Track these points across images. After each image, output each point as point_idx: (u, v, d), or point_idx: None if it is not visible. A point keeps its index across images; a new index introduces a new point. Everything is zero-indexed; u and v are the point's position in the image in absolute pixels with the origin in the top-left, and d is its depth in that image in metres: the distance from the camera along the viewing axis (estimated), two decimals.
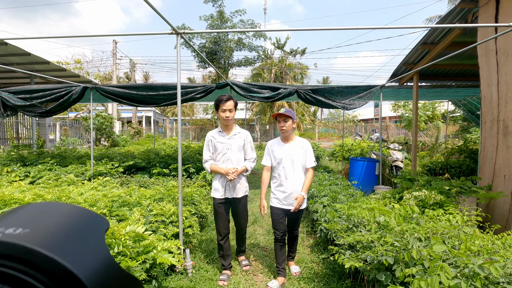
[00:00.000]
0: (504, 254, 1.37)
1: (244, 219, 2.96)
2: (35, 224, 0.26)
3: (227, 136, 2.80)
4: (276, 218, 2.72)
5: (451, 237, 1.79)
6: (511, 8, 3.27)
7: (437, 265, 1.18)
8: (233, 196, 2.79)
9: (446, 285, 1.15)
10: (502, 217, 3.29)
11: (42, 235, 0.25)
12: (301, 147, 2.70)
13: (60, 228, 0.27)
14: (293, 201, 2.63)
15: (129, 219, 2.59)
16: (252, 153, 2.90)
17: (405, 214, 2.10)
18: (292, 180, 2.65)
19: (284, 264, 2.76)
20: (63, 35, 10.20)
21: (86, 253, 0.26)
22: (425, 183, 3.78)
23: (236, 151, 2.79)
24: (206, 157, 2.81)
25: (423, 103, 13.59)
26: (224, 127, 2.83)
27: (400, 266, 1.49)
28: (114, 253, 1.95)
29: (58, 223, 0.27)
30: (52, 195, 3.37)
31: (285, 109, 2.61)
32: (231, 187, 2.79)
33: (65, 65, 15.73)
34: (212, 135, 2.83)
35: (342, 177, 5.92)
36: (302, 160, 2.68)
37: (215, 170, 2.76)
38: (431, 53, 5.06)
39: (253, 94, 5.82)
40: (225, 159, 2.78)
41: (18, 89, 6.37)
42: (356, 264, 1.79)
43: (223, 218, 2.82)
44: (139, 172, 6.99)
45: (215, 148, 2.80)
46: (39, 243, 0.24)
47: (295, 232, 2.89)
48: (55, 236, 0.26)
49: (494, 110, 3.57)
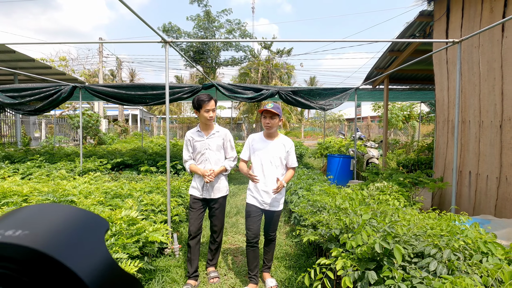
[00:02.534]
0: (416, 222, 1.81)
1: (219, 221, 2.78)
2: (35, 225, 0.26)
3: (205, 136, 2.73)
4: (252, 216, 2.57)
5: (391, 214, 2.24)
6: (458, 23, 3.79)
7: (363, 227, 1.60)
8: (211, 196, 2.71)
9: (367, 241, 1.58)
10: (449, 204, 3.81)
11: (43, 236, 0.25)
12: (284, 145, 2.58)
13: (60, 229, 0.27)
14: (270, 201, 2.55)
15: (122, 207, 2.92)
16: (232, 152, 2.82)
17: (356, 198, 2.54)
18: (271, 179, 2.52)
19: (256, 271, 2.62)
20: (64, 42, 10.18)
21: (87, 253, 0.26)
22: (387, 176, 4.27)
23: (215, 150, 2.72)
24: (185, 157, 2.77)
25: (401, 104, 14.36)
26: (203, 127, 2.76)
27: (343, 234, 1.91)
28: (111, 232, 2.29)
29: (58, 224, 0.27)
30: (48, 188, 3.63)
31: (272, 104, 2.47)
32: (209, 187, 2.70)
33: (50, 63, 15.58)
34: (190, 135, 2.77)
35: (320, 173, 6.38)
36: (283, 159, 2.57)
37: (193, 170, 2.70)
38: (398, 59, 5.58)
39: (237, 94, 6.19)
40: (203, 159, 2.72)
41: (6, 87, 6.49)
42: (312, 237, 2.22)
43: (196, 215, 2.70)
44: (127, 169, 7.22)
45: (194, 148, 2.74)
46: (40, 244, 0.24)
47: (272, 235, 2.68)
48: (55, 237, 0.25)
49: (445, 112, 4.09)
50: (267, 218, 2.66)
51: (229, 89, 6.19)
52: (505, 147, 3.15)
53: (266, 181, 2.54)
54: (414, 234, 1.66)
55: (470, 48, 3.61)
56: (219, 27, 15.92)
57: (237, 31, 16.82)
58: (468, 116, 3.70)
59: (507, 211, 3.06)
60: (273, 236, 2.69)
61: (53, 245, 0.24)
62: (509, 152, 3.11)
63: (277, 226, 2.69)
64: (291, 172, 2.62)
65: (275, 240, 2.74)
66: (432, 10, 4.25)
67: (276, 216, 2.64)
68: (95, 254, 0.26)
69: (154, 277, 2.72)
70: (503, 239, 2.10)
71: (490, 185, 3.35)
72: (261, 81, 23.42)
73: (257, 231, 2.58)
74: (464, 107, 3.75)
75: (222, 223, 2.82)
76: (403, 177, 3.77)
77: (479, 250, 1.62)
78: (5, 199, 3.20)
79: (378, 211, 2.07)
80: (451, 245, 1.58)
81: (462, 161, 3.79)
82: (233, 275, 2.89)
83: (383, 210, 2.10)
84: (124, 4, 2.40)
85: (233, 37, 16.68)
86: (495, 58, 3.23)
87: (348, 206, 2.49)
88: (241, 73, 23.83)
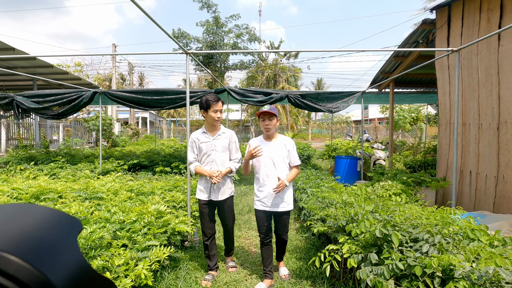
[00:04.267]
0: (413, 213, 2.07)
1: (230, 220, 2.88)
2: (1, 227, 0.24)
3: (211, 136, 2.73)
4: (260, 222, 2.64)
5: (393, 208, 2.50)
6: (458, 32, 4.02)
7: (366, 217, 1.87)
8: (218, 198, 2.74)
9: (370, 228, 1.85)
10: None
11: (9, 238, 0.23)
12: (284, 145, 2.60)
13: (29, 231, 0.25)
14: (276, 201, 2.56)
15: (149, 203, 3.24)
16: (237, 153, 2.83)
17: (361, 194, 2.81)
18: (274, 179, 2.54)
19: (271, 267, 2.71)
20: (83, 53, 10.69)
21: (59, 255, 0.24)
22: (392, 176, 4.50)
23: (221, 151, 2.73)
24: (190, 159, 2.77)
25: (408, 106, 14.46)
26: (209, 128, 2.76)
27: (348, 224, 2.19)
28: (144, 223, 2.60)
29: (27, 225, 0.26)
30: (78, 186, 3.99)
31: (269, 106, 2.52)
32: (215, 189, 2.73)
33: (66, 68, 16.23)
34: (196, 136, 2.76)
35: (328, 174, 6.63)
36: (285, 158, 2.59)
37: (199, 172, 2.70)
38: (403, 64, 5.81)
39: (247, 98, 6.51)
40: (209, 161, 2.72)
41: (31, 93, 6.95)
42: (321, 228, 2.49)
43: (208, 219, 2.79)
44: (142, 170, 7.59)
45: (200, 150, 2.74)
46: (6, 247, 0.22)
47: (284, 237, 2.74)
48: (24, 239, 0.24)
49: (448, 115, 4.31)
50: (276, 220, 2.67)
51: (240, 93, 6.50)
52: (502, 148, 3.37)
53: (270, 183, 2.54)
54: (411, 224, 1.93)
55: (469, 55, 3.84)
56: (227, 32, 16.31)
57: (245, 35, 17.18)
58: (468, 119, 3.92)
59: (504, 208, 3.27)
60: (284, 237, 2.73)
61: (21, 247, 0.23)
62: (505, 153, 3.32)
63: (287, 227, 2.70)
64: (295, 170, 2.62)
65: (286, 241, 2.80)
66: (434, 19, 4.49)
67: (285, 217, 2.64)
68: (67, 255, 0.25)
69: (178, 265, 3.02)
70: (493, 231, 2.33)
71: (489, 184, 3.55)
72: (268, 84, 23.75)
73: (269, 232, 2.65)
74: (464, 111, 3.97)
75: (233, 221, 2.91)
76: (406, 177, 4.00)
77: (467, 236, 1.87)
78: (43, 195, 3.56)
79: (380, 204, 2.33)
80: (443, 232, 1.84)
81: (463, 162, 4.00)
82: (248, 265, 3.18)
83: (385, 204, 2.37)
84: (153, 21, 2.72)
85: (242, 41, 17.05)
86: (492, 65, 3.45)
87: (353, 201, 2.75)
88: (249, 76, 24.21)
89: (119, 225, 2.64)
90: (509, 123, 3.27)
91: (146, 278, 2.10)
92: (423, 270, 1.51)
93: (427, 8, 4.34)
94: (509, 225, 2.42)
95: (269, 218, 2.64)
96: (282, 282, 2.75)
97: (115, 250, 2.27)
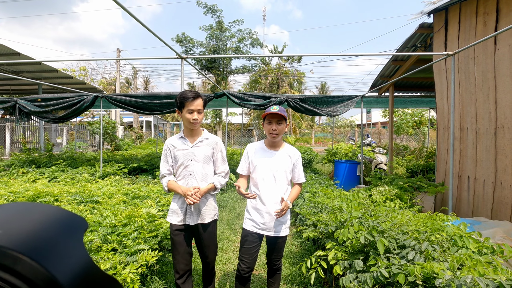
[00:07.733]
0: (400, 219, 2.04)
1: (211, 251, 2.20)
2: (9, 225, 0.25)
3: (190, 143, 2.13)
4: (247, 246, 2.09)
5: (385, 214, 2.47)
6: (455, 35, 3.99)
7: (351, 223, 1.84)
8: (196, 222, 2.10)
9: (356, 235, 1.83)
10: (450, 208, 3.96)
11: (17, 235, 0.24)
12: (290, 157, 2.13)
13: (36, 229, 0.25)
14: (272, 225, 2.08)
15: (142, 206, 3.25)
16: (223, 165, 2.21)
17: (354, 199, 2.78)
18: (273, 196, 2.07)
19: None
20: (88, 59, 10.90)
21: (65, 254, 0.25)
22: (390, 181, 4.45)
23: (202, 162, 2.11)
24: (163, 171, 2.14)
25: (411, 110, 14.36)
26: (187, 132, 2.15)
27: (337, 230, 2.16)
28: (134, 227, 2.61)
29: (35, 223, 0.26)
30: (75, 189, 4.02)
31: (278, 107, 2.05)
32: (193, 211, 2.09)
33: (71, 72, 16.49)
34: (171, 143, 2.16)
35: (327, 178, 6.58)
36: (289, 173, 2.12)
37: (172, 189, 2.08)
38: (402, 68, 5.78)
39: (247, 102, 6.52)
40: (186, 174, 2.10)
41: (34, 97, 7.05)
42: (311, 234, 2.47)
43: (182, 250, 2.10)
44: (143, 173, 7.64)
45: (175, 159, 2.12)
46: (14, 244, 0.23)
47: (277, 264, 2.22)
48: (31, 238, 0.24)
49: (445, 119, 4.26)
50: (269, 245, 2.18)
51: (239, 97, 6.52)
52: (499, 153, 3.31)
53: (268, 200, 2.07)
54: (401, 230, 1.90)
55: (466, 59, 3.80)
56: (230, 37, 16.43)
57: (248, 40, 17.28)
58: (466, 123, 3.87)
59: (502, 214, 3.21)
60: (278, 265, 2.22)
61: (28, 245, 0.23)
62: (503, 158, 3.27)
63: (282, 253, 2.21)
64: (297, 188, 2.15)
65: (280, 270, 2.27)
66: (432, 23, 4.46)
67: (281, 242, 2.15)
68: (73, 255, 0.25)
69: (169, 270, 3.01)
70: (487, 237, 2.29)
71: (487, 189, 3.49)
72: (272, 88, 23.81)
73: (252, 264, 2.10)
74: (462, 115, 3.92)
75: (214, 253, 2.24)
76: (403, 182, 3.95)
77: (456, 244, 1.84)
78: (39, 199, 3.60)
79: (370, 210, 2.30)
80: (431, 239, 1.81)
81: (462, 167, 3.95)
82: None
83: (375, 209, 2.34)
84: (146, 28, 2.76)
85: (244, 45, 17.16)
86: (488, 69, 3.41)
87: (344, 206, 2.73)
88: (252, 80, 24.32)
89: (111, 229, 2.65)
90: (506, 128, 3.22)
91: (133, 281, 2.10)
92: (406, 278, 1.48)
93: (424, 12, 4.32)
94: (503, 232, 2.37)
95: (260, 243, 2.13)
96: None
97: (104, 254, 2.27)
